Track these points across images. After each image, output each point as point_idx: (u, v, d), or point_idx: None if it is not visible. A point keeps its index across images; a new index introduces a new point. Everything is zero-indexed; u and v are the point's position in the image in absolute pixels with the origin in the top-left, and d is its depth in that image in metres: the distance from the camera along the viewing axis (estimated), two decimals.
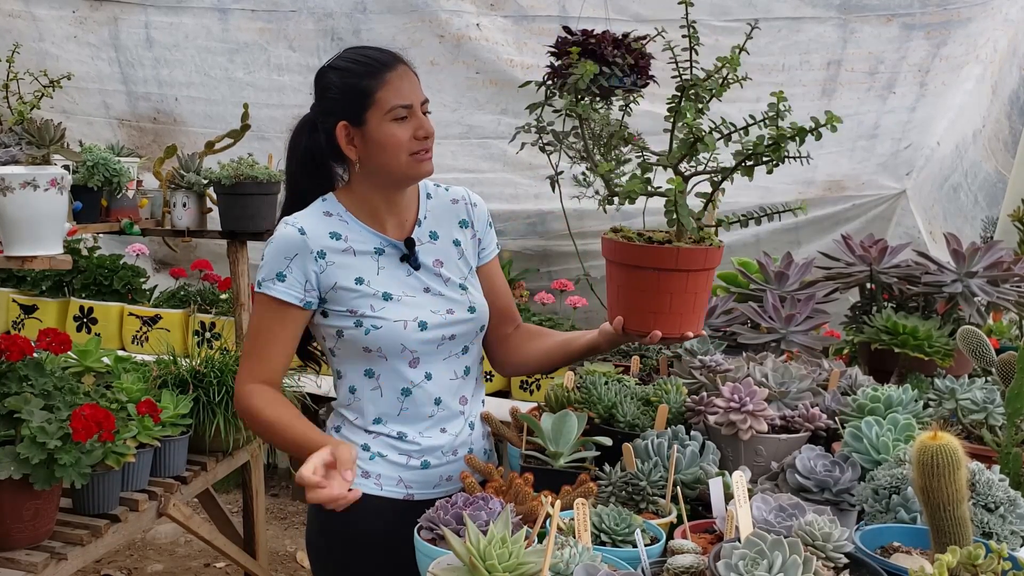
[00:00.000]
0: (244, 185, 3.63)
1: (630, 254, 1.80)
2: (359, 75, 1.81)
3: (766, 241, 4.37)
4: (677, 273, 1.76)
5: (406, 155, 1.81)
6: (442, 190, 2.01)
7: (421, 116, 1.82)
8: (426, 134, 1.81)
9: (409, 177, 1.85)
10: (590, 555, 1.30)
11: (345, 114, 1.82)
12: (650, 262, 1.76)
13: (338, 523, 1.88)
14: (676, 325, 1.79)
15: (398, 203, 1.90)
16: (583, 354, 1.99)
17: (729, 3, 4.09)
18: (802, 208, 1.78)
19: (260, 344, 1.84)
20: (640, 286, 1.78)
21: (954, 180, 4.59)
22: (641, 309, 1.80)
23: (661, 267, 1.76)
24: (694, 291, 1.79)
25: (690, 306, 1.79)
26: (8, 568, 2.16)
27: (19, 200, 2.46)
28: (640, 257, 1.78)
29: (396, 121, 1.79)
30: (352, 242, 1.86)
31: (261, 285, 1.82)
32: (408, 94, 1.81)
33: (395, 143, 1.80)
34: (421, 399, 1.87)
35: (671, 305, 1.77)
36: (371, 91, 1.79)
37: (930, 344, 2.33)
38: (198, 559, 4.12)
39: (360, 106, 1.80)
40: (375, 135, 1.80)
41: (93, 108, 5.10)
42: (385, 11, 4.48)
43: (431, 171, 1.86)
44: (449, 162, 4.57)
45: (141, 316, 4.44)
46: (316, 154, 1.89)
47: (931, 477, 1.28)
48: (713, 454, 1.79)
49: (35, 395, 2.20)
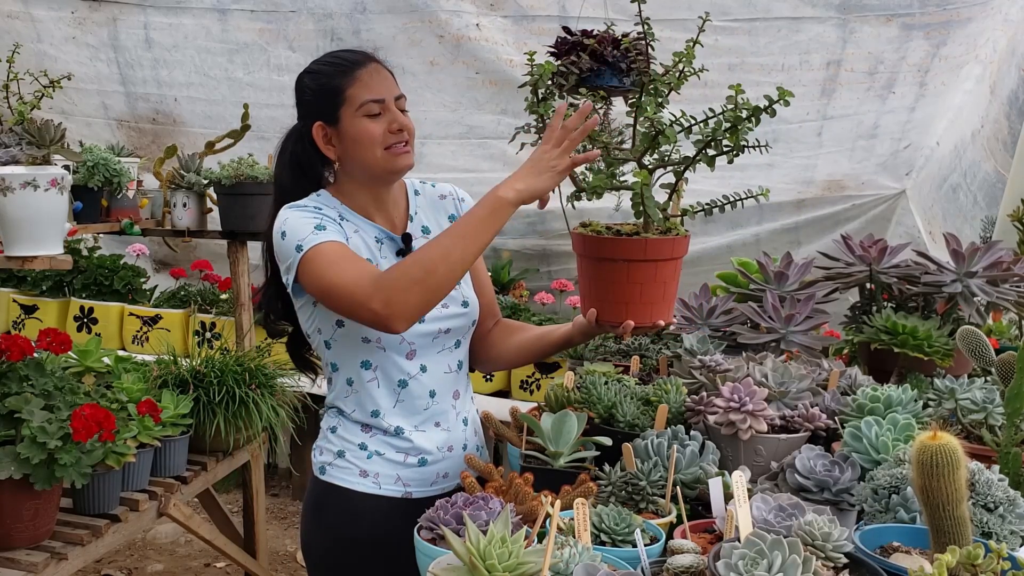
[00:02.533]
0: (244, 185, 3.64)
1: (599, 247, 1.86)
2: (330, 75, 1.85)
3: (766, 241, 4.37)
4: (645, 263, 1.82)
5: (381, 149, 1.82)
6: (429, 186, 2.04)
7: (395, 110, 1.83)
8: (400, 127, 1.82)
9: (387, 171, 1.85)
10: (590, 555, 1.30)
11: (320, 114, 1.85)
12: (619, 254, 1.82)
13: (335, 524, 1.89)
14: (647, 314, 1.85)
15: (385, 200, 1.92)
16: (558, 347, 2.03)
17: (729, 3, 4.09)
18: (764, 194, 1.80)
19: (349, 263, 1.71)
20: (610, 278, 1.85)
21: (953, 180, 4.59)
22: (612, 300, 1.85)
23: (630, 258, 1.82)
24: (663, 280, 1.84)
25: (660, 295, 1.85)
26: (8, 568, 2.16)
27: (19, 200, 2.46)
28: (609, 249, 1.84)
29: (369, 117, 1.82)
30: (358, 227, 1.88)
31: (303, 247, 1.74)
32: (379, 89, 1.83)
33: (368, 138, 1.81)
34: (417, 391, 1.89)
35: (641, 295, 1.83)
36: (342, 89, 1.82)
37: (930, 344, 2.33)
38: (198, 559, 4.12)
39: (333, 104, 1.83)
40: (349, 131, 1.82)
41: (92, 109, 5.10)
42: (385, 11, 4.49)
43: (409, 164, 1.86)
44: (449, 162, 4.57)
45: (141, 316, 4.45)
46: (303, 159, 1.91)
47: (931, 477, 1.28)
48: (713, 454, 1.79)
49: (35, 395, 2.21)
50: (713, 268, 3.23)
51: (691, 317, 2.63)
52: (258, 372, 2.92)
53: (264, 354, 3.07)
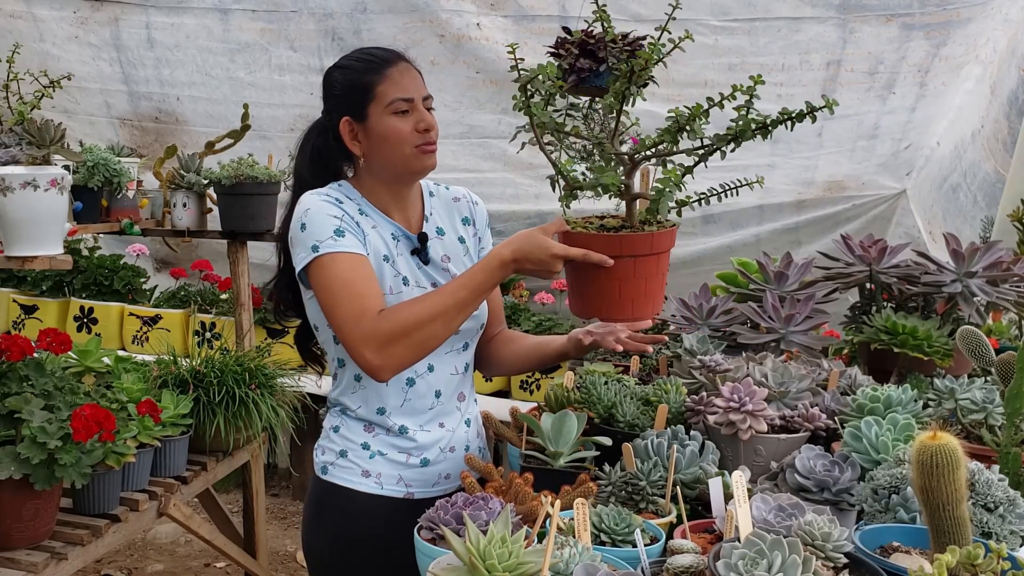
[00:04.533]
0: (244, 185, 3.64)
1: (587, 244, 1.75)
2: (360, 71, 1.85)
3: (766, 241, 4.37)
4: (624, 259, 1.74)
5: (410, 147, 1.83)
6: (443, 188, 2.04)
7: (422, 110, 1.84)
8: (427, 126, 1.83)
9: (412, 170, 1.87)
10: (590, 555, 1.30)
11: (348, 109, 1.85)
12: (626, 250, 1.74)
13: (337, 524, 1.89)
14: (627, 311, 1.79)
15: (404, 199, 1.92)
16: (553, 359, 2.07)
17: (729, 3, 4.09)
18: (759, 181, 1.77)
19: (355, 291, 1.72)
20: (616, 275, 1.75)
21: (953, 180, 4.60)
22: (592, 295, 1.78)
23: (637, 254, 1.74)
24: (643, 276, 1.77)
25: (641, 291, 1.78)
26: (8, 568, 2.16)
27: (19, 200, 2.46)
28: (618, 247, 1.74)
29: (397, 115, 1.82)
30: (376, 223, 1.88)
31: (319, 248, 1.75)
32: (409, 88, 1.84)
33: (397, 136, 1.82)
34: (423, 390, 1.89)
35: (620, 291, 1.76)
36: (372, 86, 1.83)
37: (929, 344, 2.33)
38: (198, 559, 4.12)
39: (362, 101, 1.83)
40: (377, 129, 1.83)
41: (95, 108, 5.11)
42: (386, 11, 4.49)
43: (435, 164, 1.87)
44: (450, 162, 4.58)
45: (141, 316, 4.45)
46: (324, 153, 1.92)
47: (930, 477, 1.28)
48: (713, 454, 1.79)
49: (35, 395, 2.21)
50: (713, 268, 3.24)
51: (691, 317, 2.63)
52: (258, 372, 2.92)
53: (264, 354, 3.08)
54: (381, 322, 1.69)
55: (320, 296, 1.77)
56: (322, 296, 1.76)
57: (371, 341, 1.69)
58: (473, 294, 1.74)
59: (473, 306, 1.76)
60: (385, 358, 1.69)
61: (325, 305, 1.76)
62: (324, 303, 1.76)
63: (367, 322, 1.69)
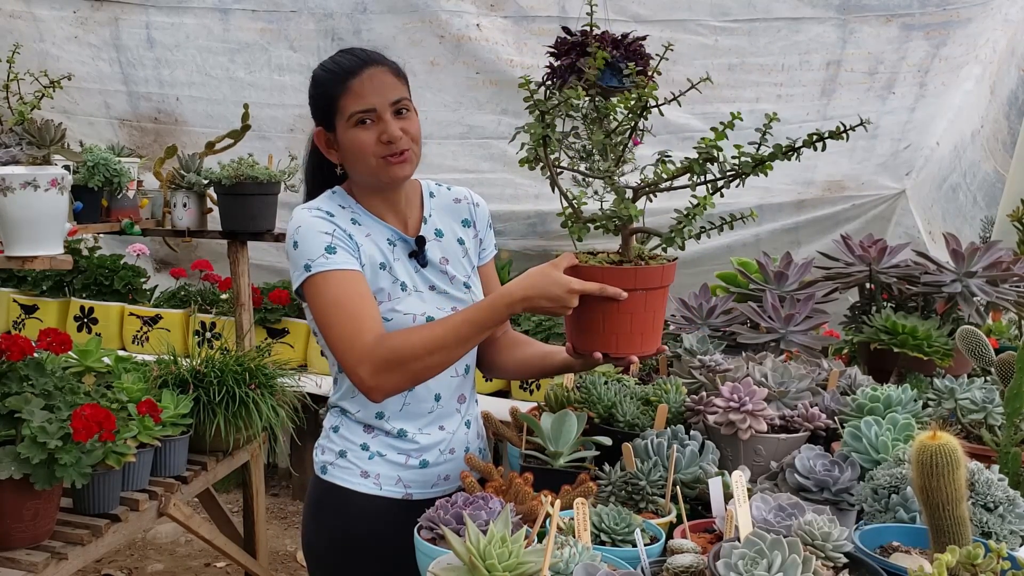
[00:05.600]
0: (244, 185, 3.63)
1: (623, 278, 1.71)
2: (325, 83, 1.83)
3: (766, 241, 4.38)
4: (660, 290, 1.74)
5: (375, 159, 1.80)
6: (444, 189, 2.02)
7: (387, 119, 1.79)
8: (389, 139, 1.78)
9: (382, 181, 1.83)
10: (590, 554, 1.30)
11: (320, 121, 1.86)
12: (640, 283, 1.71)
13: (336, 524, 1.89)
14: (636, 345, 1.76)
15: (396, 201, 1.91)
16: (557, 371, 2.00)
17: (729, 3, 4.09)
18: (752, 215, 1.76)
19: (348, 312, 1.73)
20: (628, 309, 1.72)
21: (953, 180, 4.60)
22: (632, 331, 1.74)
23: (648, 287, 1.72)
24: (653, 309, 1.75)
25: (650, 324, 1.76)
26: (8, 568, 2.16)
27: (20, 200, 2.46)
28: (632, 280, 1.71)
29: (359, 127, 1.79)
30: (370, 230, 1.87)
31: (311, 267, 1.75)
32: (369, 98, 1.78)
33: (360, 148, 1.80)
34: (422, 394, 1.88)
35: (654, 322, 1.75)
36: (335, 98, 1.81)
37: (929, 344, 2.33)
38: (198, 559, 4.12)
39: (329, 113, 1.83)
40: (343, 141, 1.82)
41: (94, 108, 5.11)
42: (385, 11, 4.49)
43: (405, 174, 1.83)
44: (450, 162, 4.58)
45: (141, 316, 4.45)
46: (315, 160, 1.95)
47: (930, 477, 1.28)
48: (712, 454, 1.79)
49: (36, 395, 2.21)
50: (713, 268, 3.23)
51: (691, 317, 2.63)
52: (258, 372, 2.92)
53: (264, 354, 3.08)
54: (378, 347, 1.69)
55: (315, 315, 1.78)
56: (317, 316, 1.78)
57: (366, 364, 1.69)
58: (476, 330, 1.73)
59: (474, 342, 1.75)
60: (379, 381, 1.70)
61: (320, 324, 1.78)
62: (319, 322, 1.78)
63: (360, 344, 1.70)
